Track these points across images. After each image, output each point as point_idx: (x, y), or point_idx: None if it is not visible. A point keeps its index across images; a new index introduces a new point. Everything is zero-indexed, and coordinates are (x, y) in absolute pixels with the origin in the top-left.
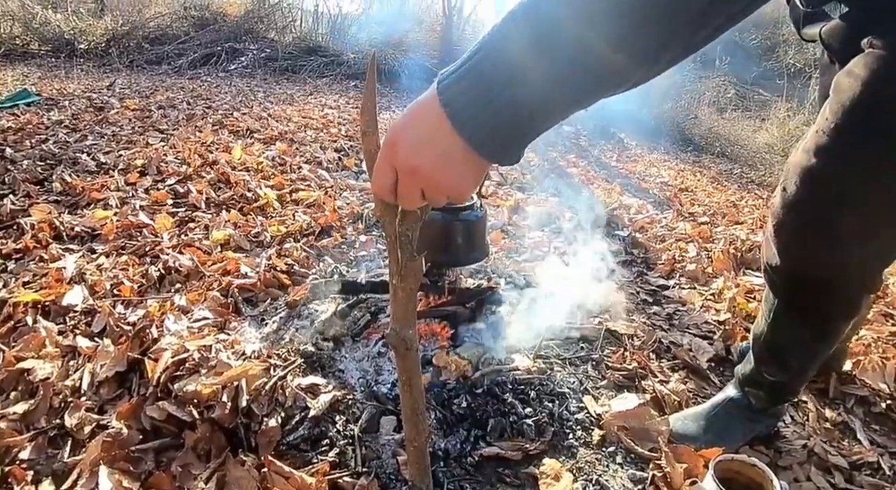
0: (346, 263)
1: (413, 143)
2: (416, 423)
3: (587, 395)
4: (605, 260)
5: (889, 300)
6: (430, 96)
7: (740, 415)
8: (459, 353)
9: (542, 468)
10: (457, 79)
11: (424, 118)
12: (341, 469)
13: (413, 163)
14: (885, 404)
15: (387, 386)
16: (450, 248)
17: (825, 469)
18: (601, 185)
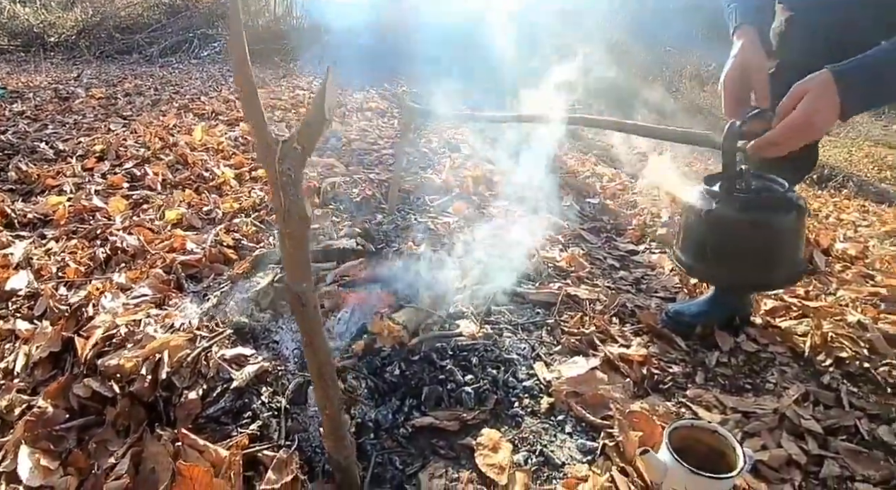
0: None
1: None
2: (324, 388)
3: (538, 362)
4: (567, 226)
5: (868, 261)
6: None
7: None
8: (395, 318)
9: (480, 439)
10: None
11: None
12: (263, 442)
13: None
14: (864, 366)
15: None
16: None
17: (798, 435)
18: (575, 156)
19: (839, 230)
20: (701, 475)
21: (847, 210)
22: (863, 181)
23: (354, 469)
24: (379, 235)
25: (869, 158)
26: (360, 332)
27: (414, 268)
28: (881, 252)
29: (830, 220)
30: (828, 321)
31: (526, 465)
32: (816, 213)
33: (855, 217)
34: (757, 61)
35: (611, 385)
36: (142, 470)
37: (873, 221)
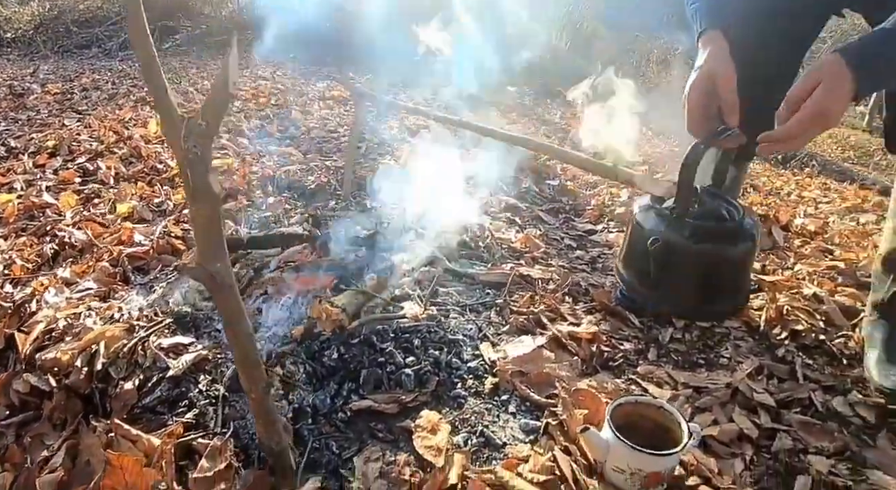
0: (248, 225)
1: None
2: (248, 371)
3: (485, 343)
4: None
5: (828, 236)
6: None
7: None
8: (334, 301)
9: (419, 421)
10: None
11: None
12: (199, 430)
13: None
14: (820, 338)
15: (261, 343)
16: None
17: (750, 409)
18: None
19: (800, 207)
20: (642, 452)
21: (809, 187)
22: (826, 161)
23: (288, 454)
24: (329, 221)
25: (832, 139)
26: (301, 317)
27: (359, 252)
28: (840, 227)
29: (792, 197)
30: (784, 294)
31: (466, 446)
32: (778, 191)
33: (816, 194)
34: (725, 73)
35: (557, 363)
36: (78, 462)
37: (834, 198)
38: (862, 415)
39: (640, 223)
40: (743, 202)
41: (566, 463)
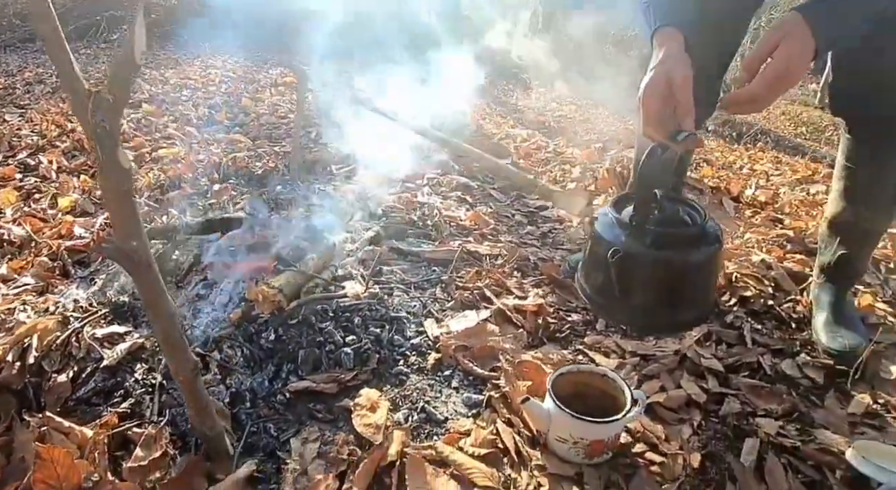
0: (192, 212)
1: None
2: (173, 354)
3: (429, 319)
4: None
5: (778, 206)
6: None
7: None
8: (271, 282)
9: (358, 399)
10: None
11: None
12: (135, 419)
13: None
14: (769, 303)
15: (200, 328)
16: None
17: (698, 374)
18: (495, 120)
19: (752, 179)
20: (583, 420)
21: (761, 161)
22: (779, 137)
23: (223, 439)
24: (273, 204)
25: (786, 116)
26: (241, 301)
27: (301, 233)
28: (791, 198)
29: (744, 170)
30: (733, 262)
31: (406, 422)
32: (731, 165)
33: (768, 167)
34: (682, 75)
35: (502, 336)
36: (12, 459)
37: (785, 171)
38: (810, 376)
39: (600, 234)
40: (695, 175)
41: (509, 435)
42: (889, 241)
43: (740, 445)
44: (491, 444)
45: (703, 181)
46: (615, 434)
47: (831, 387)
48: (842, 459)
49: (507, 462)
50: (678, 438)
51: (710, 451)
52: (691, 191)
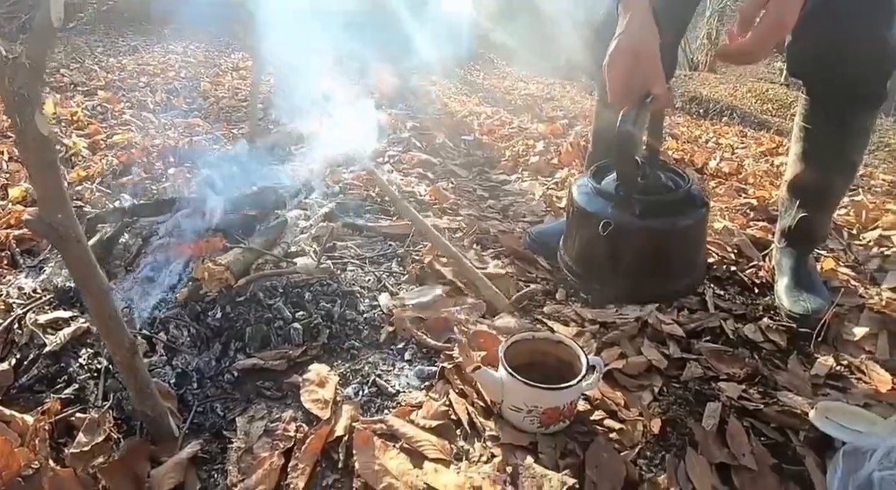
0: (145, 196)
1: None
2: (108, 332)
3: (384, 293)
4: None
5: (742, 177)
6: None
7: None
8: (218, 260)
9: (307, 375)
10: None
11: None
12: (79, 405)
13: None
14: (731, 269)
15: (147, 310)
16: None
17: (659, 340)
18: (459, 98)
19: (717, 153)
20: (536, 387)
21: (726, 135)
22: (745, 113)
23: (167, 420)
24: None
25: (752, 93)
26: (189, 281)
27: (252, 211)
28: (755, 169)
29: (710, 144)
30: None
31: (356, 397)
32: (696, 139)
33: (734, 141)
34: (649, 42)
35: (458, 308)
36: None
37: (750, 144)
38: (773, 340)
39: (583, 206)
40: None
41: (462, 406)
42: (852, 208)
43: (702, 410)
44: (443, 416)
45: (668, 153)
46: (570, 401)
47: (794, 350)
48: (805, 421)
49: (460, 433)
50: (638, 405)
51: (671, 417)
52: None
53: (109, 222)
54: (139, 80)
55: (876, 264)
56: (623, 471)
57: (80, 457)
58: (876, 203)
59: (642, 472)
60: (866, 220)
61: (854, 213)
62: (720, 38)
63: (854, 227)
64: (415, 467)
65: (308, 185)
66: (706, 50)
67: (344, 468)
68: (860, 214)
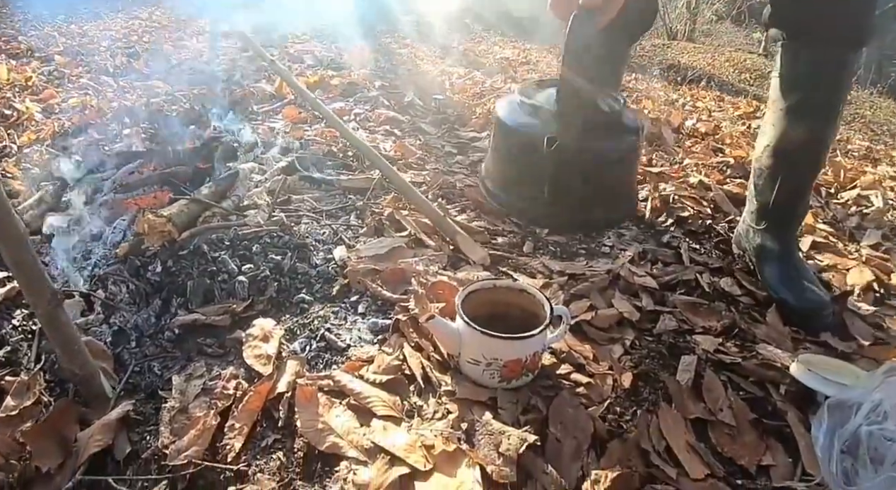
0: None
1: None
2: (27, 283)
3: (340, 246)
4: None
5: (718, 137)
6: None
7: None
8: (160, 212)
9: (250, 330)
10: None
11: None
12: (10, 367)
13: None
14: (707, 223)
15: (88, 269)
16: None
17: (632, 293)
18: (433, 60)
19: (694, 115)
20: (495, 337)
21: (703, 99)
22: (723, 81)
23: (98, 379)
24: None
25: (730, 62)
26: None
27: (201, 163)
28: (731, 130)
29: (686, 107)
30: (670, 184)
31: (303, 352)
32: (673, 102)
33: (711, 105)
34: None
35: (417, 258)
36: None
37: (727, 108)
38: (751, 290)
39: (509, 123)
40: (635, 107)
41: (416, 361)
42: (830, 168)
43: (676, 364)
44: (395, 371)
45: (644, 112)
46: (534, 353)
47: (772, 303)
48: (786, 374)
49: (414, 389)
50: (608, 358)
51: (644, 371)
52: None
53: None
54: (99, 45)
55: (854, 222)
56: (590, 427)
57: (7, 421)
58: (854, 165)
59: (611, 427)
60: (844, 180)
61: (832, 172)
62: (699, 8)
63: (832, 186)
64: (362, 425)
65: (266, 141)
66: (685, 19)
67: (285, 427)
68: (838, 174)
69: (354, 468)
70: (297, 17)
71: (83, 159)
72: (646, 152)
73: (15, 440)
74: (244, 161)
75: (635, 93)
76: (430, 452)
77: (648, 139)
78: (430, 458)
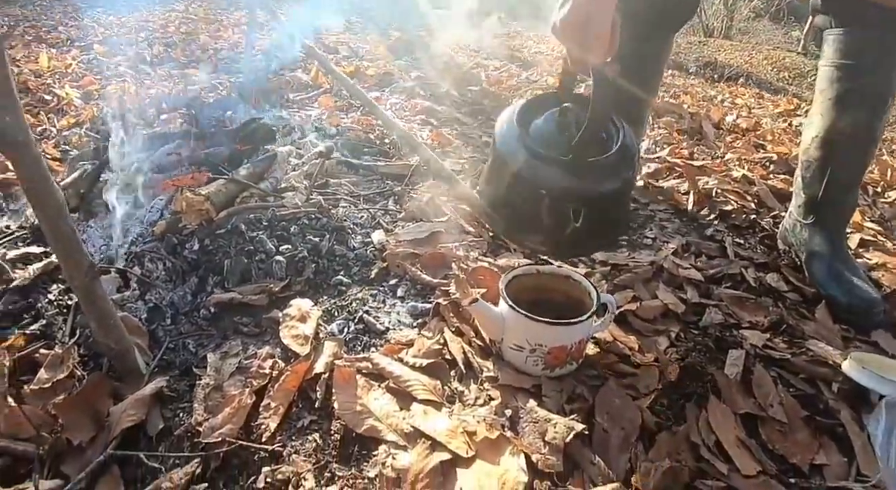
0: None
1: None
2: (64, 252)
3: (378, 230)
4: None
5: (759, 133)
6: None
7: None
8: (199, 190)
9: (287, 310)
10: None
11: None
12: (45, 341)
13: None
14: (751, 218)
15: (125, 246)
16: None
17: (676, 285)
18: (467, 53)
19: (733, 111)
20: (541, 321)
21: (742, 96)
22: (761, 79)
23: (132, 355)
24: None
25: (768, 60)
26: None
27: (240, 145)
28: (773, 127)
29: (725, 103)
30: (713, 177)
31: (341, 334)
32: (712, 99)
33: (750, 102)
34: (604, 23)
35: (457, 243)
36: None
37: (767, 105)
38: (798, 286)
39: (506, 157)
40: (674, 101)
41: (457, 345)
42: (877, 166)
43: (723, 358)
44: (436, 355)
45: (683, 107)
46: (579, 340)
47: (821, 300)
48: (837, 372)
49: (454, 374)
50: (654, 350)
51: (690, 363)
52: (668, 114)
53: (91, 158)
54: (138, 36)
55: None
56: (638, 418)
57: (40, 394)
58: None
59: (659, 420)
60: (892, 179)
61: (878, 171)
62: (737, 3)
63: (879, 184)
64: (401, 409)
65: (303, 126)
66: (722, 16)
67: (322, 408)
68: (885, 173)
69: (393, 452)
70: (332, 8)
71: (121, 141)
72: (686, 146)
73: (47, 412)
74: (282, 144)
75: (672, 89)
76: (472, 439)
77: (689, 133)
78: (473, 445)
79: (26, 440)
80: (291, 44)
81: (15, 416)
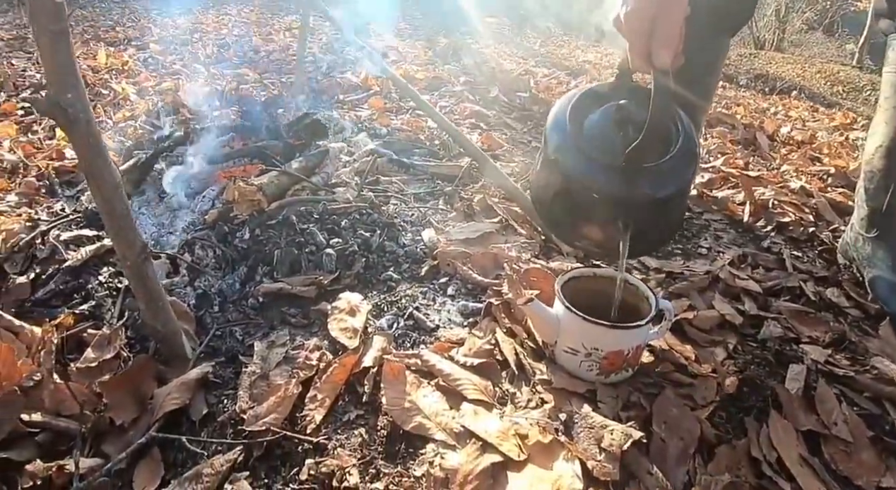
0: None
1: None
2: (117, 232)
3: (428, 229)
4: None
5: (815, 146)
6: None
7: None
8: (251, 181)
9: (337, 302)
10: None
11: None
12: (94, 321)
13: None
14: (810, 231)
15: (176, 234)
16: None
17: (733, 296)
18: (515, 60)
19: (787, 123)
20: (599, 324)
21: (796, 109)
22: (814, 93)
23: (179, 339)
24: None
25: (821, 74)
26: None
27: (292, 139)
28: (829, 140)
29: (778, 116)
30: (769, 189)
31: (390, 329)
32: (765, 111)
33: (804, 115)
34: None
35: (509, 244)
36: None
37: (822, 119)
38: (860, 302)
39: (567, 167)
40: (727, 112)
41: (509, 346)
42: None
43: (783, 372)
44: (487, 355)
45: (736, 117)
46: (636, 346)
47: (885, 316)
48: None
49: (506, 376)
50: (711, 361)
51: (749, 376)
52: (721, 124)
53: (145, 149)
54: (192, 37)
55: None
56: (697, 429)
57: (86, 372)
58: None
59: (718, 432)
60: None
61: None
62: (789, 15)
63: None
64: (451, 408)
65: (354, 125)
66: (773, 28)
67: (369, 403)
68: None
69: (442, 452)
70: (382, 13)
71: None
72: (741, 156)
73: (92, 391)
74: (334, 141)
75: (724, 100)
76: (524, 442)
77: (743, 144)
78: (525, 448)
79: (69, 417)
80: (341, 47)
81: (60, 392)
